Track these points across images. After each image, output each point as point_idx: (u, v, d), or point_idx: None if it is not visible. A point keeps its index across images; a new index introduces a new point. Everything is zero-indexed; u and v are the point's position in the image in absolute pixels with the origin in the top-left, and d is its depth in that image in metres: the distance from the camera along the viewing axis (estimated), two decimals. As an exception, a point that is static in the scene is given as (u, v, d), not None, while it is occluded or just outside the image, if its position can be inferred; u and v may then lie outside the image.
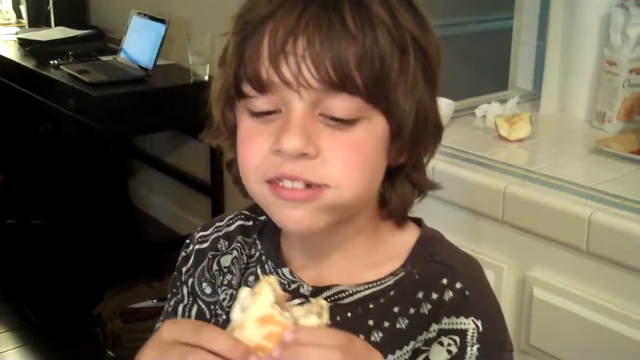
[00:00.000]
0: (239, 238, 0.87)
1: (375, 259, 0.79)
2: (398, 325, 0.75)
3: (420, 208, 1.37)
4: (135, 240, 3.41)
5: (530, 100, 1.92)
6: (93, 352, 2.52)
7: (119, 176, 3.61)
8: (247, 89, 0.70)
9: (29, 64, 3.23)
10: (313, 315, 0.64)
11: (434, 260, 0.77)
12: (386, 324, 0.76)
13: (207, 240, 0.89)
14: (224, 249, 0.88)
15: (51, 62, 3.14)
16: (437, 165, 1.51)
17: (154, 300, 2.63)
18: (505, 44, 2.12)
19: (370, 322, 0.76)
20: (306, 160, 0.69)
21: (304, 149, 0.68)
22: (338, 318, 0.76)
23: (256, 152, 0.71)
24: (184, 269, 0.90)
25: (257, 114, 0.71)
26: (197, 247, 0.89)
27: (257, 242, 0.86)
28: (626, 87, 1.63)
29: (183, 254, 0.91)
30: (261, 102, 0.70)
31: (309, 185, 0.70)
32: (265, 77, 0.68)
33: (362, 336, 0.75)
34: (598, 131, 1.68)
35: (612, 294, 1.27)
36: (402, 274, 0.77)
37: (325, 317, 0.65)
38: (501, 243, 1.42)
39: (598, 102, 1.70)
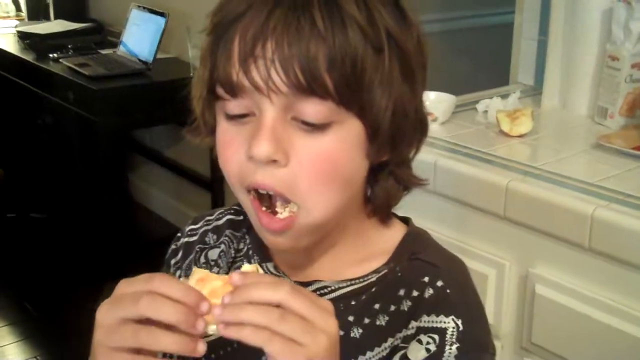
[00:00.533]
0: (228, 232, 0.87)
1: (359, 256, 0.78)
2: (378, 322, 0.75)
3: (423, 204, 1.37)
4: (135, 234, 3.40)
5: (531, 95, 1.92)
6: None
7: (119, 170, 3.60)
8: (220, 91, 0.69)
9: (28, 57, 3.22)
10: None
11: (418, 258, 0.77)
12: (366, 320, 0.75)
13: (196, 234, 0.90)
14: (212, 242, 0.88)
15: (50, 55, 3.13)
16: (439, 161, 1.51)
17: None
18: (506, 38, 2.11)
19: (351, 319, 0.76)
20: (275, 169, 0.68)
21: (273, 155, 0.67)
22: None
23: (234, 158, 0.70)
24: (172, 261, 0.91)
25: (232, 117, 0.70)
26: (185, 240, 0.90)
27: (246, 236, 0.86)
28: (628, 83, 1.63)
29: (173, 246, 0.92)
30: (234, 106, 0.69)
31: (282, 200, 0.69)
32: (236, 80, 0.67)
33: (342, 332, 0.73)
34: (600, 127, 1.67)
35: (614, 291, 1.27)
36: (385, 271, 0.77)
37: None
38: (503, 240, 1.42)
39: (600, 98, 1.69)
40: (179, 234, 0.92)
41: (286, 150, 0.67)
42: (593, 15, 1.72)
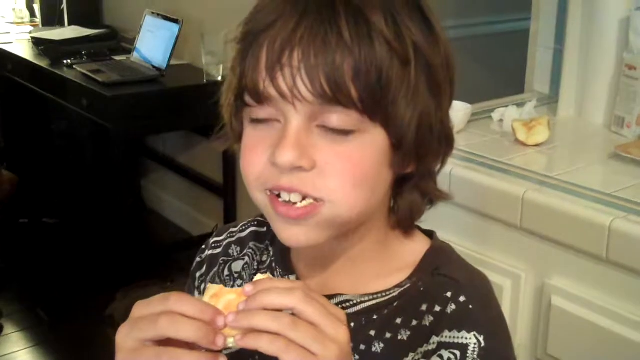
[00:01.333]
0: (251, 244, 0.87)
1: (382, 270, 0.78)
2: (399, 337, 0.74)
3: (438, 214, 1.36)
4: (148, 241, 3.41)
5: (547, 104, 1.90)
6: (105, 352, 2.51)
7: (132, 176, 3.61)
8: (247, 98, 0.70)
9: (42, 63, 3.23)
10: None
11: (440, 273, 0.76)
12: (388, 334, 0.75)
13: (220, 246, 0.89)
14: (235, 254, 0.88)
15: (64, 61, 3.14)
16: (454, 170, 1.49)
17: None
18: (521, 45, 2.09)
19: (372, 333, 0.75)
20: (302, 173, 0.68)
21: (298, 162, 0.68)
22: None
23: (256, 161, 0.71)
24: (197, 274, 0.90)
25: (258, 121, 0.71)
26: (210, 252, 0.90)
27: (270, 248, 0.86)
28: (646, 92, 1.61)
29: (198, 259, 0.91)
30: (261, 112, 0.70)
31: (305, 197, 0.69)
32: (262, 88, 0.68)
33: (363, 346, 0.74)
34: (617, 136, 1.65)
35: (632, 303, 1.25)
36: (408, 285, 0.76)
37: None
38: (519, 250, 1.40)
39: (617, 107, 1.68)
40: (203, 246, 0.92)
41: (311, 156, 0.68)
42: (610, 24, 1.70)
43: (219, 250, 0.89)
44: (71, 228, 3.50)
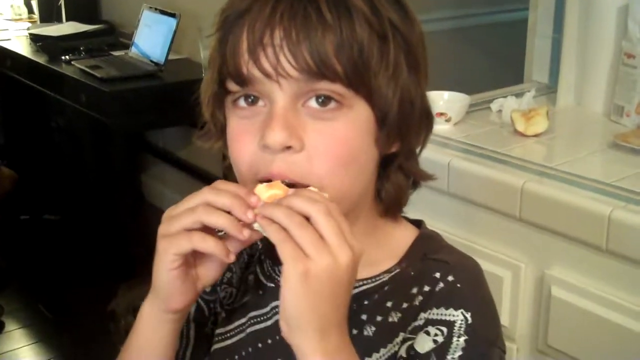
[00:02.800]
0: None
1: (372, 256, 0.77)
2: (390, 319, 0.75)
3: (436, 205, 1.36)
4: (148, 235, 3.40)
5: (546, 94, 1.89)
6: (107, 348, 2.51)
7: (132, 171, 3.61)
8: (230, 85, 0.71)
9: (40, 59, 3.23)
10: None
11: (430, 257, 0.78)
12: (379, 318, 0.76)
13: None
14: None
15: (63, 57, 3.14)
16: (453, 161, 1.49)
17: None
18: (519, 35, 2.09)
19: (364, 317, 0.76)
20: (292, 155, 0.69)
21: (288, 141, 0.68)
22: None
23: (245, 150, 0.71)
24: None
25: (243, 109, 0.72)
26: None
27: (258, 242, 0.84)
28: (645, 80, 1.60)
29: None
30: (244, 100, 0.71)
31: (292, 185, 0.70)
32: (245, 71, 0.69)
33: (355, 331, 0.75)
34: (616, 125, 1.64)
35: (632, 293, 1.24)
36: (398, 270, 0.78)
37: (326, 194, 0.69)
38: (519, 241, 1.40)
39: (616, 96, 1.67)
40: None
41: (300, 136, 0.69)
42: (609, 12, 1.69)
43: None
44: (72, 224, 3.51)
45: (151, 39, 3.00)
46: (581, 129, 1.72)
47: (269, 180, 0.70)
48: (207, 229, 0.69)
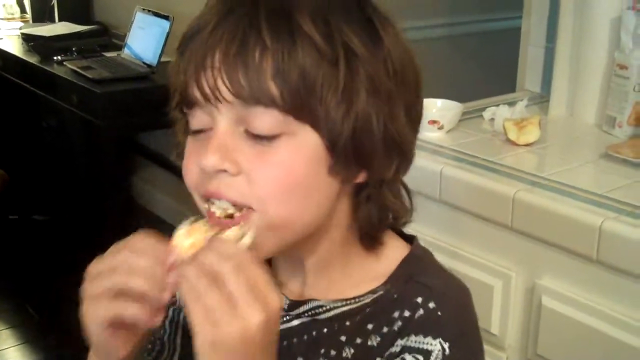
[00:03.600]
0: None
1: (354, 277, 0.77)
2: (369, 343, 0.74)
3: (427, 213, 1.36)
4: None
5: (538, 103, 1.90)
6: (95, 350, 2.51)
7: (122, 173, 3.59)
8: (182, 106, 0.71)
9: (32, 59, 3.21)
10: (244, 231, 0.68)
11: (415, 280, 0.75)
12: (358, 340, 0.75)
13: None
14: None
15: (55, 57, 3.12)
16: (445, 169, 1.49)
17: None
18: (512, 44, 2.09)
19: (343, 338, 0.75)
20: (228, 177, 0.68)
21: (220, 165, 0.67)
22: (314, 333, 0.76)
23: (191, 169, 0.70)
24: None
25: (194, 132, 0.71)
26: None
27: None
28: (637, 91, 1.61)
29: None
30: (195, 121, 0.70)
31: (235, 205, 0.69)
32: (190, 92, 0.68)
33: (334, 352, 0.75)
34: (608, 136, 1.65)
35: (622, 303, 1.25)
36: (381, 292, 0.76)
37: (247, 238, 0.67)
38: (510, 250, 1.40)
39: (608, 106, 1.67)
40: None
41: (236, 160, 0.67)
42: (601, 23, 1.70)
43: None
44: (61, 225, 3.49)
45: (144, 40, 3.00)
46: (573, 139, 1.72)
47: (207, 199, 0.70)
48: None
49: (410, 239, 0.81)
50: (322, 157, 0.69)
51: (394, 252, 0.78)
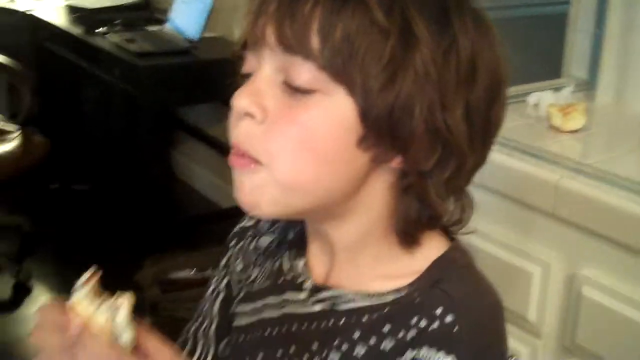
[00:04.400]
0: (283, 221, 0.85)
1: (381, 273, 0.74)
2: (382, 346, 0.71)
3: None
4: (176, 211, 3.43)
5: (584, 90, 1.87)
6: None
7: (162, 146, 3.63)
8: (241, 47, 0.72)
9: (76, 31, 3.24)
10: (115, 310, 0.67)
11: (440, 287, 0.71)
12: (372, 340, 0.72)
13: (253, 219, 0.89)
14: (264, 229, 0.87)
15: (98, 29, 3.15)
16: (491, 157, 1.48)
17: (192, 271, 2.66)
18: (559, 29, 2.06)
19: (356, 335, 0.72)
20: (251, 125, 0.68)
21: (248, 107, 0.68)
22: (332, 322, 0.74)
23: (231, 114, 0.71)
24: (231, 244, 0.90)
25: (243, 76, 0.71)
26: (243, 224, 0.90)
27: (296, 227, 0.84)
28: (687, 81, 1.58)
29: (236, 229, 0.91)
30: (246, 64, 0.71)
31: (246, 156, 0.69)
32: (246, 35, 0.70)
33: (345, 346, 0.72)
34: (655, 125, 1.63)
35: (664, 296, 1.24)
36: (404, 293, 0.72)
37: (122, 314, 0.67)
38: (551, 238, 1.39)
39: (657, 95, 1.65)
40: (243, 217, 0.90)
41: (264, 107, 0.67)
42: (653, 9, 1.67)
43: (251, 223, 0.88)
44: (101, 195, 3.53)
45: (186, 15, 3.01)
46: (619, 127, 1.70)
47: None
48: None
49: (451, 237, 0.77)
50: (353, 127, 0.67)
51: (430, 251, 0.74)
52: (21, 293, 2.78)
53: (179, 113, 3.70)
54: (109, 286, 0.70)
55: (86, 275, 0.68)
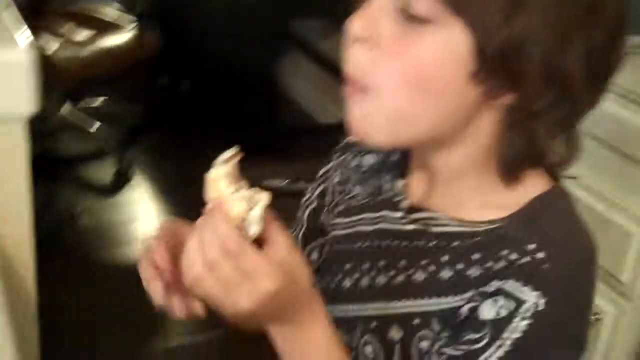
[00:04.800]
0: None
1: (477, 203, 0.75)
2: (468, 272, 0.72)
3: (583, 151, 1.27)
4: (275, 121, 3.47)
5: None
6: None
7: (269, 56, 3.64)
8: None
9: None
10: (254, 203, 0.67)
11: (536, 224, 0.71)
12: (459, 266, 0.73)
13: None
14: (369, 148, 0.87)
15: None
16: (604, 105, 1.41)
17: (285, 182, 2.71)
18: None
19: (445, 258, 0.74)
20: (362, 50, 0.68)
21: (361, 32, 0.67)
22: (422, 243, 0.76)
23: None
24: (334, 156, 0.92)
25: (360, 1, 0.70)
26: (349, 139, 0.90)
27: (393, 155, 0.85)
28: None
29: (342, 143, 0.92)
30: None
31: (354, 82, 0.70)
32: None
33: (433, 268, 0.74)
34: None
35: None
36: (498, 225, 0.72)
37: (259, 208, 0.66)
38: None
39: None
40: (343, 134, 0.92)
41: (378, 34, 0.67)
42: None
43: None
44: (206, 96, 3.58)
45: None
46: None
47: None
48: None
49: (556, 177, 0.76)
50: (465, 61, 0.66)
51: (531, 188, 0.74)
52: (121, 180, 2.91)
53: (290, 25, 3.69)
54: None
55: (228, 153, 0.69)
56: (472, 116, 0.70)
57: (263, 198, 0.66)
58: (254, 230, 0.66)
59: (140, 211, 2.80)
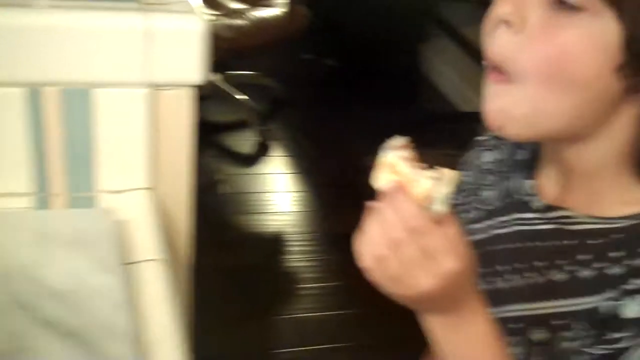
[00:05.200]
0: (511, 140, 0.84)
1: (613, 199, 0.72)
2: (608, 271, 0.69)
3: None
4: (414, 104, 3.44)
5: None
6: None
7: (414, 37, 3.62)
8: None
9: None
10: (440, 181, 0.63)
11: None
12: (598, 264, 0.70)
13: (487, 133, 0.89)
14: (491, 144, 0.87)
15: None
16: None
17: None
18: None
19: (583, 257, 0.72)
20: (507, 34, 0.66)
21: (509, 15, 0.66)
22: (557, 242, 0.75)
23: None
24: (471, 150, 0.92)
25: None
26: (479, 138, 0.91)
27: (523, 148, 0.83)
28: None
29: (474, 141, 0.92)
30: None
31: (497, 68, 0.68)
32: None
33: (571, 267, 0.72)
34: None
35: None
36: (637, 221, 0.70)
37: (448, 187, 0.63)
38: None
39: None
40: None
41: (525, 18, 0.66)
42: None
43: (486, 136, 0.89)
44: (348, 75, 3.59)
45: None
46: None
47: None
48: None
49: None
50: (613, 53, 0.64)
51: None
52: (260, 152, 2.99)
53: (438, 6, 3.64)
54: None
55: (398, 140, 0.67)
56: (611, 111, 0.69)
57: (454, 177, 0.64)
58: (440, 209, 0.63)
59: (276, 184, 2.87)
